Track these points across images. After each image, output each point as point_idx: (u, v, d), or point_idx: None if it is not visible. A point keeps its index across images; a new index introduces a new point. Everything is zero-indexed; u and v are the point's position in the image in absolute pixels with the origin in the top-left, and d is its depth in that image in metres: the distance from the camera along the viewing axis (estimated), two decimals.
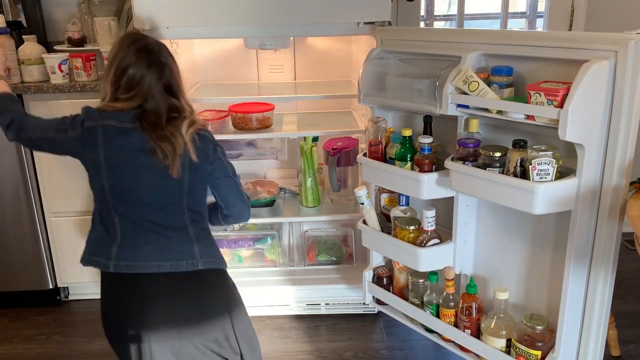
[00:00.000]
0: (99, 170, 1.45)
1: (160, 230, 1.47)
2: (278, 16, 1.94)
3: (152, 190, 1.46)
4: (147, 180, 1.45)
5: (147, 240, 1.46)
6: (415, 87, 1.69)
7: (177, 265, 1.46)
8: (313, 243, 2.48)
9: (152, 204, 1.46)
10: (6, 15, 2.33)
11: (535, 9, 3.24)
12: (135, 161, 1.43)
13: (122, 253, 1.45)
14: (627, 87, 1.32)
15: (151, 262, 1.45)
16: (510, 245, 1.71)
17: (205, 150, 1.49)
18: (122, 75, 1.44)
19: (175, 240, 1.48)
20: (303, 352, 2.11)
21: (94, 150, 1.43)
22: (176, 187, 1.47)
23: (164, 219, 1.47)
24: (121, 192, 1.45)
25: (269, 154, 2.52)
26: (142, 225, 1.46)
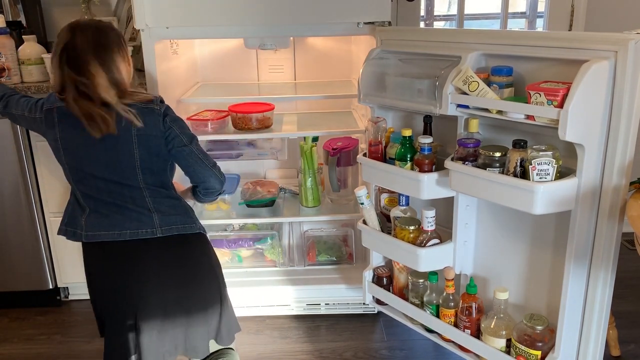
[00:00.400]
0: (59, 150, 1.56)
1: (120, 203, 1.56)
2: (278, 16, 1.94)
3: (106, 169, 1.54)
4: (98, 158, 1.53)
5: (109, 210, 1.57)
6: (415, 87, 1.69)
7: (137, 233, 1.56)
8: (313, 243, 2.48)
9: (107, 181, 1.55)
10: (6, 15, 2.33)
11: (535, 9, 3.24)
12: (86, 140, 1.51)
13: (89, 223, 1.57)
14: (627, 87, 1.32)
15: (113, 231, 1.55)
16: (510, 245, 1.71)
17: (153, 124, 1.54)
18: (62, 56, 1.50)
19: (134, 211, 1.57)
20: (303, 352, 2.11)
21: (53, 131, 1.54)
22: (128, 164, 1.54)
23: (121, 195, 1.56)
24: (78, 170, 1.56)
25: (269, 154, 2.52)
26: (103, 200, 1.56)
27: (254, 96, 2.37)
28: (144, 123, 1.52)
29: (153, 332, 1.56)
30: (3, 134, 2.17)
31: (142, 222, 1.56)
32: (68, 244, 2.32)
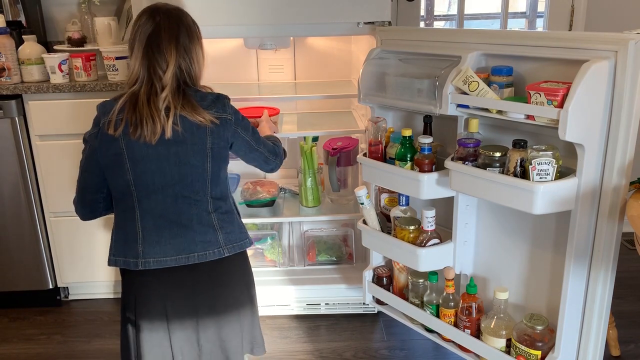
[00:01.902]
0: (122, 164, 1.43)
1: (185, 222, 1.46)
2: (278, 16, 1.94)
3: (174, 182, 1.44)
4: (167, 170, 1.44)
5: (172, 233, 1.45)
6: (415, 87, 1.69)
7: (205, 255, 1.47)
8: (313, 243, 2.48)
9: (175, 195, 1.45)
10: (6, 15, 2.33)
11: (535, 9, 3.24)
12: (154, 150, 1.42)
13: (149, 250, 1.44)
14: (627, 87, 1.32)
15: (180, 256, 1.45)
16: (510, 245, 1.71)
17: (225, 133, 1.48)
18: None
19: (200, 232, 1.47)
20: (303, 352, 2.11)
21: (116, 144, 1.42)
22: (199, 177, 1.46)
23: (188, 210, 1.46)
24: (146, 185, 1.44)
25: None
26: (167, 219, 1.45)
27: (254, 96, 2.37)
28: (217, 134, 1.46)
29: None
30: (3, 134, 2.17)
31: (207, 242, 1.47)
32: (68, 244, 2.33)
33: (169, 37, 1.44)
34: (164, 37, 1.44)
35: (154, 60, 1.43)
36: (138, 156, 1.43)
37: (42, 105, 2.17)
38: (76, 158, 2.21)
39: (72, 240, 2.33)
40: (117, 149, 1.43)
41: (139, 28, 1.45)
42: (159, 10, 1.47)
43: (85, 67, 2.21)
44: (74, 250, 2.34)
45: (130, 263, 1.45)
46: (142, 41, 1.44)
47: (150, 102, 1.42)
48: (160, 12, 1.47)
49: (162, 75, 1.43)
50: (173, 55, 1.44)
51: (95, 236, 2.32)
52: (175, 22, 1.47)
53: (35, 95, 2.16)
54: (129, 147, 1.42)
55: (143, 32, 1.44)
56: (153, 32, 1.43)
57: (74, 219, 2.29)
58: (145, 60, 1.44)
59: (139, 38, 1.44)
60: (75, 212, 1.61)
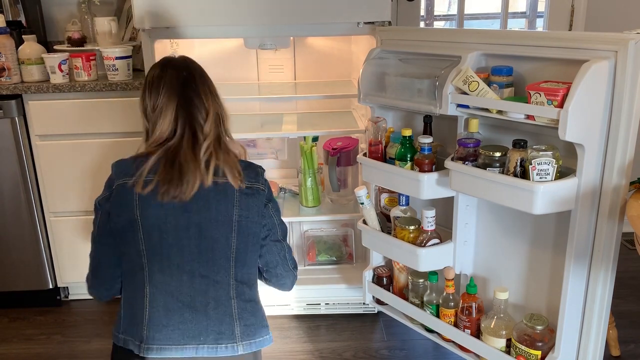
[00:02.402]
0: (135, 232, 1.27)
1: (199, 306, 1.27)
2: (278, 16, 1.93)
3: (197, 258, 1.27)
4: (189, 244, 1.27)
5: (182, 318, 1.27)
6: (415, 87, 1.69)
7: (216, 349, 1.28)
8: (313, 243, 2.48)
9: (192, 272, 1.27)
10: (6, 15, 2.33)
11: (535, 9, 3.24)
12: (175, 219, 1.26)
13: (154, 334, 1.26)
14: (627, 87, 1.32)
15: (188, 345, 1.27)
16: (510, 245, 1.71)
17: (255, 206, 1.32)
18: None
19: (215, 319, 1.28)
20: (303, 352, 2.11)
21: (128, 209, 1.27)
22: (222, 254, 1.29)
23: (205, 292, 1.28)
24: (161, 259, 1.27)
25: (269, 154, 2.52)
26: (179, 299, 1.27)
27: (254, 96, 2.37)
28: (247, 206, 1.29)
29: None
30: (3, 134, 2.17)
31: (221, 333, 1.28)
32: (68, 244, 2.33)
33: (201, 86, 1.33)
34: (194, 86, 1.32)
35: (190, 110, 1.30)
36: (154, 224, 1.26)
37: (42, 105, 2.17)
38: (76, 158, 2.23)
39: (72, 240, 2.32)
40: (131, 214, 1.26)
41: (158, 81, 1.32)
42: (173, 61, 1.37)
43: (85, 67, 2.21)
44: (74, 250, 2.34)
45: (134, 346, 1.28)
46: (170, 93, 1.30)
47: (193, 153, 1.27)
48: (176, 63, 1.36)
49: (202, 124, 1.30)
50: (210, 102, 1.32)
51: None
52: (198, 71, 1.37)
53: (35, 95, 2.16)
54: (144, 214, 1.26)
55: (167, 84, 1.31)
56: (180, 82, 1.31)
57: (74, 219, 2.31)
58: (180, 112, 1.30)
59: (164, 92, 1.30)
60: (88, 291, 1.40)
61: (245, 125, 2.44)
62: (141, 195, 1.26)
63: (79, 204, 2.28)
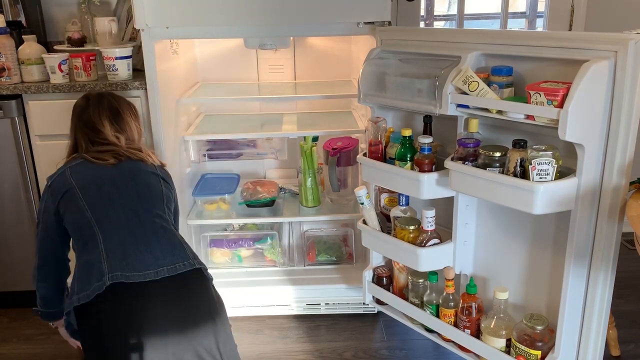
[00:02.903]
0: (73, 196, 1.52)
1: (151, 235, 1.48)
2: (278, 16, 1.93)
3: (133, 197, 1.54)
4: (126, 189, 1.55)
5: (138, 250, 1.44)
6: (415, 87, 1.69)
7: (175, 268, 1.44)
8: (313, 243, 2.48)
9: (136, 209, 1.51)
10: (6, 15, 2.33)
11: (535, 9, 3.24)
12: (111, 173, 1.57)
13: (113, 266, 1.40)
14: (627, 87, 1.32)
15: (148, 271, 1.41)
16: (510, 245, 1.71)
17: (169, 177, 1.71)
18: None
19: (167, 245, 1.47)
20: (303, 352, 2.11)
21: (66, 184, 1.55)
22: (155, 195, 1.58)
23: (152, 222, 1.50)
24: (100, 203, 1.51)
25: (268, 154, 2.52)
26: (130, 233, 1.47)
27: (254, 96, 2.37)
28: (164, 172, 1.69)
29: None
30: (3, 133, 2.17)
31: (175, 255, 1.46)
32: None
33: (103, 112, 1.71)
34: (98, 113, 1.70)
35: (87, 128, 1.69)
36: (89, 182, 1.55)
37: (42, 105, 2.17)
38: None
39: None
40: (68, 185, 1.55)
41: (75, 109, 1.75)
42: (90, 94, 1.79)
43: (85, 67, 2.21)
44: None
45: (93, 289, 1.38)
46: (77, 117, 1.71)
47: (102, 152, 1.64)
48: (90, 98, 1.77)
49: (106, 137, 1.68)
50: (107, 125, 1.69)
51: None
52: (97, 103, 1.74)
53: (35, 95, 2.16)
54: (76, 178, 1.56)
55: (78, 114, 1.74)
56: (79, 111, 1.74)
57: None
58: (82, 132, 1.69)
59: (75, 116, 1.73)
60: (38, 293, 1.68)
61: (245, 125, 2.44)
62: (73, 169, 1.57)
63: None
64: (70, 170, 1.59)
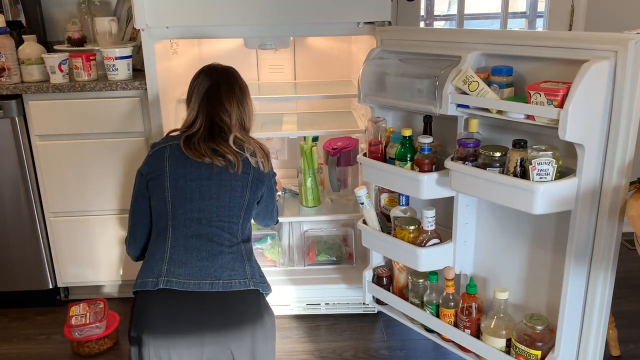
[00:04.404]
0: (163, 182, 1.53)
1: (216, 246, 1.48)
2: (278, 16, 1.94)
3: (213, 201, 1.51)
4: (209, 189, 1.52)
5: (200, 256, 1.46)
6: (415, 87, 1.70)
7: (230, 284, 1.44)
8: (313, 243, 2.48)
9: (211, 216, 1.50)
10: (6, 15, 2.33)
11: (535, 9, 3.24)
12: (200, 171, 1.53)
13: (173, 270, 1.43)
14: (627, 87, 1.32)
15: (204, 281, 1.42)
16: (510, 245, 1.71)
17: (264, 178, 1.62)
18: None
19: (229, 259, 1.48)
20: (303, 352, 2.11)
21: (161, 164, 1.55)
22: (236, 204, 1.54)
23: (220, 235, 1.50)
24: (182, 202, 1.51)
25: None
26: (198, 240, 1.48)
27: (254, 96, 2.36)
28: (259, 173, 1.60)
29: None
30: (3, 134, 2.17)
31: (234, 270, 1.47)
32: (68, 244, 2.33)
33: (225, 93, 1.62)
34: (219, 93, 1.62)
35: (213, 109, 1.61)
36: (179, 174, 1.53)
37: (42, 105, 2.17)
38: (76, 158, 2.23)
39: (72, 240, 2.32)
40: (162, 167, 1.55)
41: (194, 82, 1.65)
42: (213, 68, 1.68)
43: (85, 67, 2.21)
44: (74, 250, 2.34)
45: (147, 283, 1.42)
46: (200, 94, 1.62)
47: (209, 142, 1.56)
48: (214, 70, 1.67)
49: (228, 123, 1.60)
50: (238, 106, 1.63)
51: (95, 236, 2.32)
52: (226, 81, 1.66)
53: (35, 95, 2.16)
54: (172, 164, 1.54)
55: (198, 86, 1.63)
56: (207, 87, 1.63)
57: (74, 219, 2.31)
58: (202, 109, 1.61)
59: (196, 92, 1.63)
60: (127, 250, 1.70)
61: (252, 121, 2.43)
62: (171, 153, 1.55)
63: (78, 204, 2.28)
64: (171, 150, 1.57)
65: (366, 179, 1.92)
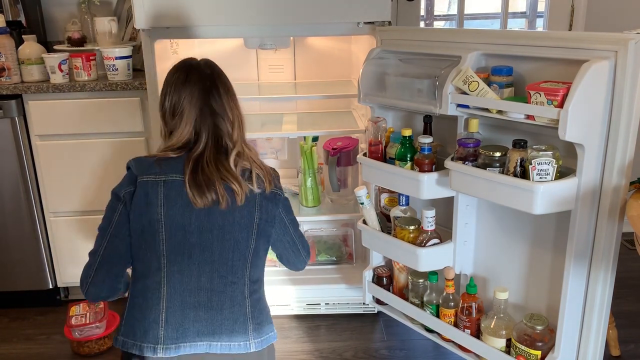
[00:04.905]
0: (156, 232, 1.26)
1: (215, 305, 1.29)
2: (278, 16, 1.93)
3: (215, 257, 1.29)
4: (210, 245, 1.28)
5: (197, 317, 1.28)
6: (415, 87, 1.69)
7: (229, 346, 1.29)
8: (313, 243, 2.48)
9: (212, 272, 1.29)
10: (6, 15, 2.33)
11: (535, 9, 3.24)
12: (199, 221, 1.28)
13: (170, 333, 1.26)
14: (627, 87, 1.32)
15: (201, 343, 1.28)
16: (510, 245, 1.71)
17: (273, 209, 1.35)
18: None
19: (229, 318, 1.30)
20: (303, 352, 2.11)
21: (152, 207, 1.26)
22: (240, 255, 1.31)
23: (222, 292, 1.30)
24: (180, 257, 1.27)
25: (268, 154, 2.52)
26: (196, 298, 1.28)
27: (254, 96, 2.37)
28: (266, 209, 1.33)
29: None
30: (3, 134, 2.17)
31: (234, 331, 1.29)
32: (68, 244, 2.33)
33: (225, 95, 1.35)
34: (218, 97, 1.34)
35: (214, 120, 1.32)
36: (178, 224, 1.26)
37: (42, 105, 2.17)
38: (76, 158, 2.23)
39: (72, 240, 2.32)
40: (154, 214, 1.26)
41: (181, 86, 1.33)
42: (198, 67, 1.38)
43: (85, 67, 2.21)
44: (74, 250, 2.34)
45: (144, 349, 1.26)
46: (193, 101, 1.31)
47: (218, 163, 1.29)
48: (201, 69, 1.37)
49: (229, 133, 1.32)
50: (235, 112, 1.34)
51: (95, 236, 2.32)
52: (222, 80, 1.39)
53: (35, 95, 2.16)
54: (168, 213, 1.26)
55: (189, 91, 1.32)
56: (204, 91, 1.33)
57: (74, 219, 2.31)
58: (204, 121, 1.31)
59: (186, 99, 1.31)
60: (85, 289, 1.33)
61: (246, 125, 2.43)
62: (167, 195, 1.26)
63: (79, 204, 2.28)
64: (165, 188, 1.27)
65: (366, 179, 1.92)
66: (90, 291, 1.33)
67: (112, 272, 1.32)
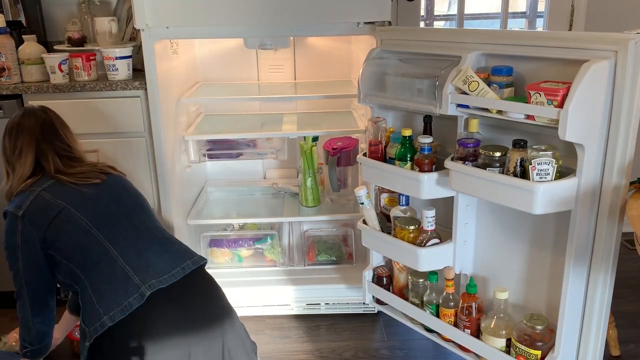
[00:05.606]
0: (69, 217, 1.45)
1: (161, 238, 1.53)
2: (278, 16, 1.94)
3: (137, 212, 1.54)
4: (125, 204, 1.54)
5: (155, 252, 1.47)
6: (415, 87, 1.69)
7: (195, 260, 1.49)
8: (313, 243, 2.48)
9: (140, 220, 1.52)
10: (6, 15, 2.33)
11: (535, 9, 3.24)
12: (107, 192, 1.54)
13: (143, 275, 1.40)
14: (627, 87, 1.32)
15: (176, 268, 1.44)
16: (510, 245, 1.71)
17: None
18: None
19: (176, 243, 1.54)
20: (303, 352, 2.11)
21: (51, 208, 1.46)
22: (148, 208, 1.61)
23: (156, 228, 1.55)
24: (106, 219, 1.48)
25: (268, 153, 2.52)
26: (143, 240, 1.49)
27: (254, 96, 2.37)
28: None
29: None
30: (3, 133, 2.16)
31: (187, 251, 1.53)
32: None
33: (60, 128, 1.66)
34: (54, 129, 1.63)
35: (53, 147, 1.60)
36: (88, 200, 1.49)
37: None
38: None
39: None
40: (56, 207, 1.46)
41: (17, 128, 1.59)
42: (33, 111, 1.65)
43: (85, 67, 2.20)
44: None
45: (132, 302, 1.37)
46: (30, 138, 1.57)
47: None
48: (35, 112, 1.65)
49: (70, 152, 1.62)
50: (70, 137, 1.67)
51: None
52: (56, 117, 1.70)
53: (35, 95, 2.16)
54: (74, 201, 1.47)
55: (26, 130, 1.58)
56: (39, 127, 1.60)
57: None
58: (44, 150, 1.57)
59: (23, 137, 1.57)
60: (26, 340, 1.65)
61: (245, 125, 2.44)
62: (48, 190, 1.47)
63: None
64: (47, 191, 1.49)
65: (366, 179, 1.92)
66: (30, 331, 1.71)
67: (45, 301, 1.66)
